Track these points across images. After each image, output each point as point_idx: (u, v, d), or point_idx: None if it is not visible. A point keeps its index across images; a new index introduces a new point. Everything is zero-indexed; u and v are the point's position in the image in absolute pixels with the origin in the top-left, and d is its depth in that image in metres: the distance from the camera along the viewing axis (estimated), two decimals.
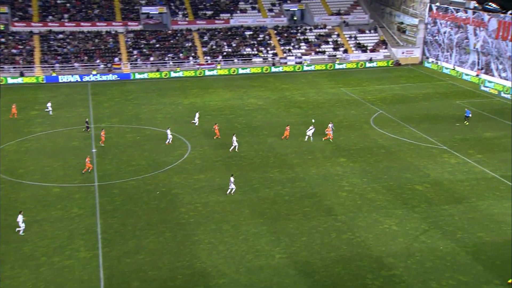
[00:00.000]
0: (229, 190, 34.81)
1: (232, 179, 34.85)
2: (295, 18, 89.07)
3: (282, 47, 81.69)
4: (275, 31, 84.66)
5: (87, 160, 38.27)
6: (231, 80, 70.37)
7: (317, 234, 29.89)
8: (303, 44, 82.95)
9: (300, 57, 79.65)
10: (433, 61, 78.21)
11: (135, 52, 75.94)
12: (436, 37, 77.29)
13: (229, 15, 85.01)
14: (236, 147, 42.86)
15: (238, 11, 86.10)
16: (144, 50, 76.59)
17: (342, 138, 46.02)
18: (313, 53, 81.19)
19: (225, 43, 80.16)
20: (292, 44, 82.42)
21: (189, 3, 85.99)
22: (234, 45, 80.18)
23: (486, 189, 35.18)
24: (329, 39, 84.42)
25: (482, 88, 63.19)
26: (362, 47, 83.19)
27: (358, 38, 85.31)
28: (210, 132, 45.86)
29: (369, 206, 33.07)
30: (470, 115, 50.37)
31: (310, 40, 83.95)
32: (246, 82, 69.68)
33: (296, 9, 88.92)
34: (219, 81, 69.53)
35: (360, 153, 42.60)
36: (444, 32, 75.30)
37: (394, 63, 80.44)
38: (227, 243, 29.06)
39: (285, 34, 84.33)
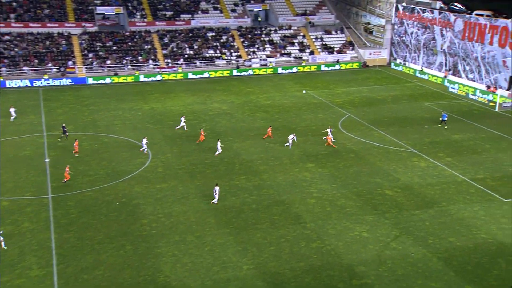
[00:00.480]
0: (215, 200, 34.65)
1: (217, 188, 34.63)
2: (259, 19, 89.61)
3: (246, 49, 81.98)
4: (239, 32, 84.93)
5: (66, 169, 37.53)
6: (194, 84, 70.06)
7: (285, 243, 29.97)
8: (268, 45, 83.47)
9: (265, 59, 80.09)
10: (401, 62, 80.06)
11: (90, 55, 74.63)
12: (404, 38, 79.20)
13: (190, 15, 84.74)
14: (217, 153, 42.97)
15: (200, 12, 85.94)
16: (100, 52, 75.37)
17: (310, 143, 46.41)
18: (278, 55, 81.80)
19: (186, 45, 79.82)
20: (257, 46, 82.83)
21: (148, 4, 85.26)
22: (196, 47, 79.93)
23: (456, 192, 36.14)
24: (295, 40, 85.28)
25: (450, 89, 65.06)
26: (328, 49, 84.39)
27: (324, 39, 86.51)
28: (173, 139, 45.43)
29: (339, 213, 33.42)
30: (446, 118, 51.39)
31: (275, 41, 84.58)
32: (209, 85, 69.51)
33: (260, 9, 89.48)
34: (181, 85, 69.11)
35: (328, 158, 43.06)
36: (411, 33, 77.26)
37: (362, 65, 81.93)
38: (192, 255, 28.78)
39: (249, 36, 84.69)
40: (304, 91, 49.49)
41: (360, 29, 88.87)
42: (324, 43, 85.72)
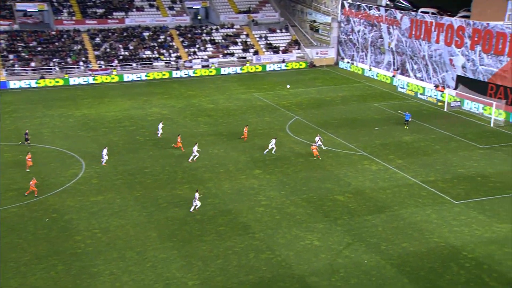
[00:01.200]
0: (192, 207, 34.90)
1: (197, 194, 34.89)
2: (199, 17, 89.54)
3: (186, 49, 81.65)
4: (178, 32, 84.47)
5: (31, 183, 36.42)
6: (130, 88, 69.01)
7: (233, 255, 30.03)
8: (209, 45, 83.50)
9: (206, 60, 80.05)
10: (348, 62, 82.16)
11: (11, 56, 71.95)
12: (351, 36, 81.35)
13: (123, 13, 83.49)
14: (192, 158, 42.97)
15: (134, 9, 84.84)
16: (23, 54, 72.83)
17: (257, 148, 46.76)
18: (221, 55, 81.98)
19: (120, 46, 78.52)
20: (198, 46, 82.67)
21: (76, 0, 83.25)
22: (131, 47, 78.79)
23: (408, 196, 37.45)
24: (238, 40, 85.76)
25: (399, 89, 67.41)
26: (273, 48, 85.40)
27: (269, 38, 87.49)
28: (108, 147, 44.49)
29: (289, 221, 33.83)
30: (410, 119, 52.96)
31: (217, 41, 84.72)
32: (147, 89, 68.69)
33: (199, 7, 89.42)
34: (115, 89, 67.90)
35: (276, 163, 43.51)
36: (358, 31, 79.51)
37: (309, 65, 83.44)
38: (132, 273, 28.29)
39: (189, 35, 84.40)
40: (288, 86, 52.18)
41: (306, 27, 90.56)
42: (268, 42, 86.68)
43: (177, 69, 77.81)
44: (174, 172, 41.55)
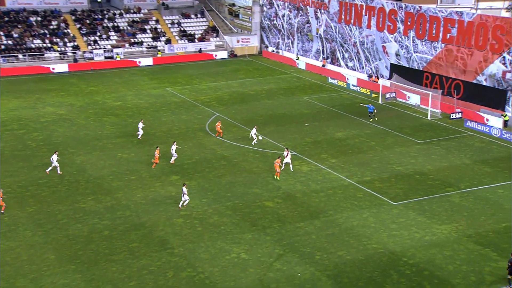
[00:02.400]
0: (181, 203, 36.45)
1: (184, 189, 36.38)
2: (98, 0, 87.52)
3: (85, 38, 79.59)
4: (73, 17, 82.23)
5: None
6: (17, 84, 66.36)
7: (149, 275, 29.66)
8: (112, 33, 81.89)
9: (110, 50, 78.46)
10: (273, 50, 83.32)
11: None
12: (275, 22, 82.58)
13: None
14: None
15: None
16: None
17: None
18: (127, 45, 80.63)
19: (1, 33, 75.24)
20: (99, 34, 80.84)
21: None
22: (16, 35, 75.71)
23: (343, 198, 38.55)
24: (146, 26, 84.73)
25: (330, 80, 69.24)
26: (188, 36, 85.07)
27: (182, 25, 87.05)
28: None
29: (212, 232, 33.86)
30: (375, 111, 54.80)
31: (121, 28, 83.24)
32: (39, 85, 66.37)
33: None
34: None
35: (196, 167, 43.42)
36: (283, 15, 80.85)
37: (229, 54, 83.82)
38: None
39: (87, 21, 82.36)
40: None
41: (224, 12, 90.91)
42: (182, 29, 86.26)
43: (75, 61, 75.72)
44: (76, 182, 40.45)
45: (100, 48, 78.35)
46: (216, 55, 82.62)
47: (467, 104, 56.41)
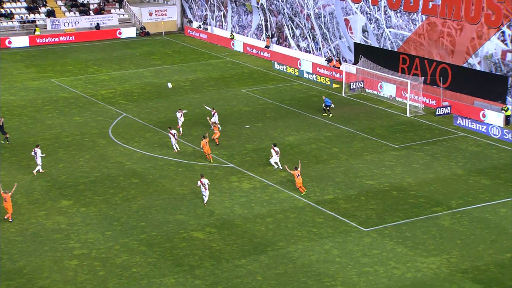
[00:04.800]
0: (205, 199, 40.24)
1: (204, 181, 39.90)
2: None
3: None
4: None
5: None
6: None
7: None
8: None
9: None
10: (199, 26, 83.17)
11: None
12: None
13: None
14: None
15: None
16: None
17: (63, 164, 45.79)
18: None
19: None
20: None
21: None
22: None
23: (297, 225, 38.68)
24: None
25: (277, 66, 69.64)
26: (79, 6, 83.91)
27: None
28: None
29: (120, 277, 33.40)
30: (333, 106, 55.95)
31: None
32: None
33: None
34: None
35: (96, 188, 42.87)
36: None
37: (139, 32, 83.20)
38: None
39: None
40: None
41: None
42: None
43: None
44: None
45: None
46: (120, 33, 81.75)
47: (456, 96, 57.77)
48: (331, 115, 55.46)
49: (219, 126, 50.78)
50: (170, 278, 33.45)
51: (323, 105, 56.30)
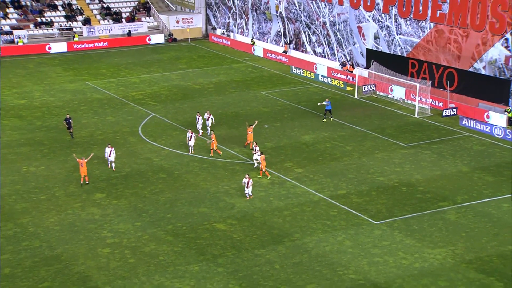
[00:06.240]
0: (248, 196, 40.34)
1: (247, 181, 40.14)
2: None
3: None
4: None
5: None
6: None
7: None
8: (12, 10, 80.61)
9: (9, 33, 77.20)
10: (223, 33, 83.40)
11: None
12: None
13: None
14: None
15: None
16: None
17: (97, 161, 46.08)
18: (32, 26, 79.49)
19: None
20: None
21: None
22: None
23: (312, 218, 38.82)
24: (58, 2, 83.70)
25: (294, 70, 69.74)
26: (113, 15, 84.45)
27: (105, 1, 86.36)
28: None
29: (149, 264, 33.63)
30: (330, 108, 55.17)
31: (24, 3, 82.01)
32: None
33: None
34: None
35: (127, 182, 43.15)
36: None
37: (167, 38, 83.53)
38: None
39: None
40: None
41: None
42: (105, 5, 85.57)
43: None
44: None
45: None
46: (149, 39, 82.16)
47: (462, 98, 57.62)
48: (331, 119, 55.03)
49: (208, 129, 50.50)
50: (194, 265, 33.71)
51: (326, 110, 55.51)
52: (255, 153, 44.81)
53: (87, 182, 42.52)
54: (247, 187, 40.17)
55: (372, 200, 41.11)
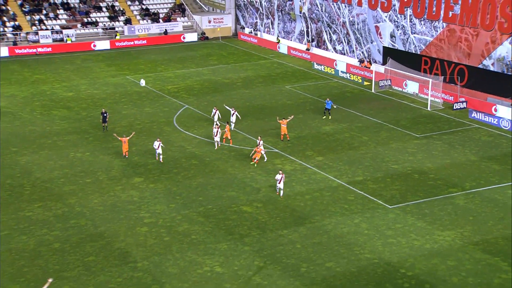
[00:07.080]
0: (280, 191, 39.16)
1: (279, 176, 38.76)
2: None
3: (29, 17, 78.82)
4: None
5: None
6: None
7: None
8: (62, 11, 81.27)
9: (59, 32, 77.87)
10: (251, 32, 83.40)
11: None
12: None
13: None
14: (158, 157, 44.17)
15: None
16: None
17: (136, 148, 46.36)
18: (79, 25, 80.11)
19: None
20: (45, 12, 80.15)
21: None
22: None
23: (331, 202, 38.85)
24: (102, 4, 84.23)
25: (316, 66, 69.59)
26: (151, 15, 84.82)
27: (144, 2, 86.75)
28: None
29: (182, 242, 33.91)
30: (335, 106, 54.27)
31: (72, 5, 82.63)
32: None
33: None
34: None
35: (162, 168, 43.42)
36: None
37: (200, 37, 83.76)
38: None
39: None
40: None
41: None
42: (144, 7, 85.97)
43: (15, 44, 75.00)
44: (20, 187, 40.19)
45: (47, 29, 77.60)
46: (184, 38, 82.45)
47: (472, 93, 57.14)
48: (330, 117, 54.06)
49: (231, 124, 49.76)
50: (223, 244, 33.93)
51: (326, 108, 54.75)
52: (259, 146, 44.07)
53: (126, 157, 44.45)
54: (279, 183, 39.29)
55: (386, 186, 40.99)
